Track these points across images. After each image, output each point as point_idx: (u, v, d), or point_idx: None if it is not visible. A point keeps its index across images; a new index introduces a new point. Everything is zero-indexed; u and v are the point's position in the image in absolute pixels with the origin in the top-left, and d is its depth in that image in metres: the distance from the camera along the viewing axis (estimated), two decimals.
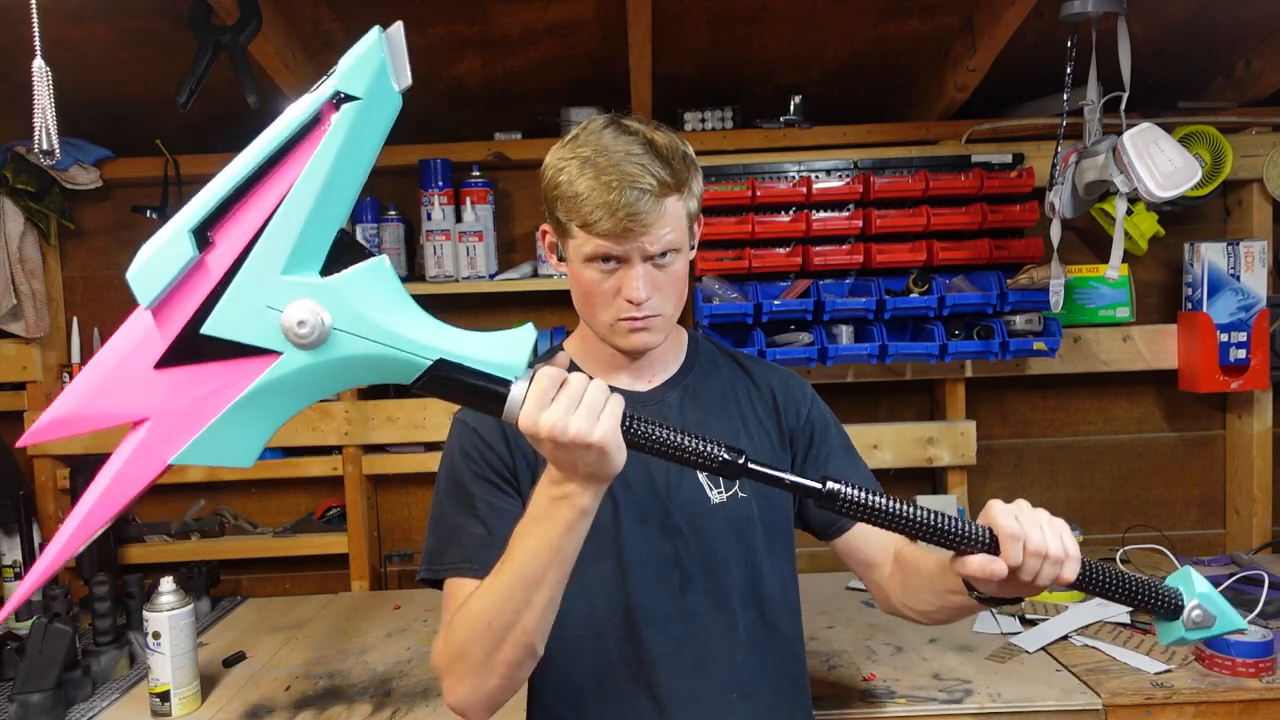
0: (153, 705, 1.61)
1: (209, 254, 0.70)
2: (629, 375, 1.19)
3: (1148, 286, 2.36)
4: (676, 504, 1.14)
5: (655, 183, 1.04)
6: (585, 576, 1.10)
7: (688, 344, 1.25)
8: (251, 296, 0.71)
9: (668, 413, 1.17)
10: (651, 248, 1.05)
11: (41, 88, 1.17)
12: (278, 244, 0.71)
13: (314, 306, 0.71)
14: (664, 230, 1.06)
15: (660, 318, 1.10)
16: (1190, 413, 2.40)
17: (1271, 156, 2.19)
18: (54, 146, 1.18)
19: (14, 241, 2.15)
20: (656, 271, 1.08)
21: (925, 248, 2.10)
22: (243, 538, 2.33)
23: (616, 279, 1.07)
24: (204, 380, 0.71)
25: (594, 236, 1.05)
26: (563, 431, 0.80)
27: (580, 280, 1.10)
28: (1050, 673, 1.61)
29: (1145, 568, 2.09)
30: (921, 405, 2.41)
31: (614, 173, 1.03)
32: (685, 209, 1.09)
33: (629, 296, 1.06)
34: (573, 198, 1.06)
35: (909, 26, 1.99)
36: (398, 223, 2.26)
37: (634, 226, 1.03)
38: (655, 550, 1.13)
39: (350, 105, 0.72)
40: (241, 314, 0.70)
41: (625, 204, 1.02)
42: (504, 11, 1.88)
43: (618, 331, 1.11)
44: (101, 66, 1.98)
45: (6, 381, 2.27)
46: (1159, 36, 2.02)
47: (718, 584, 1.14)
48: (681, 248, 1.10)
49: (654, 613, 1.12)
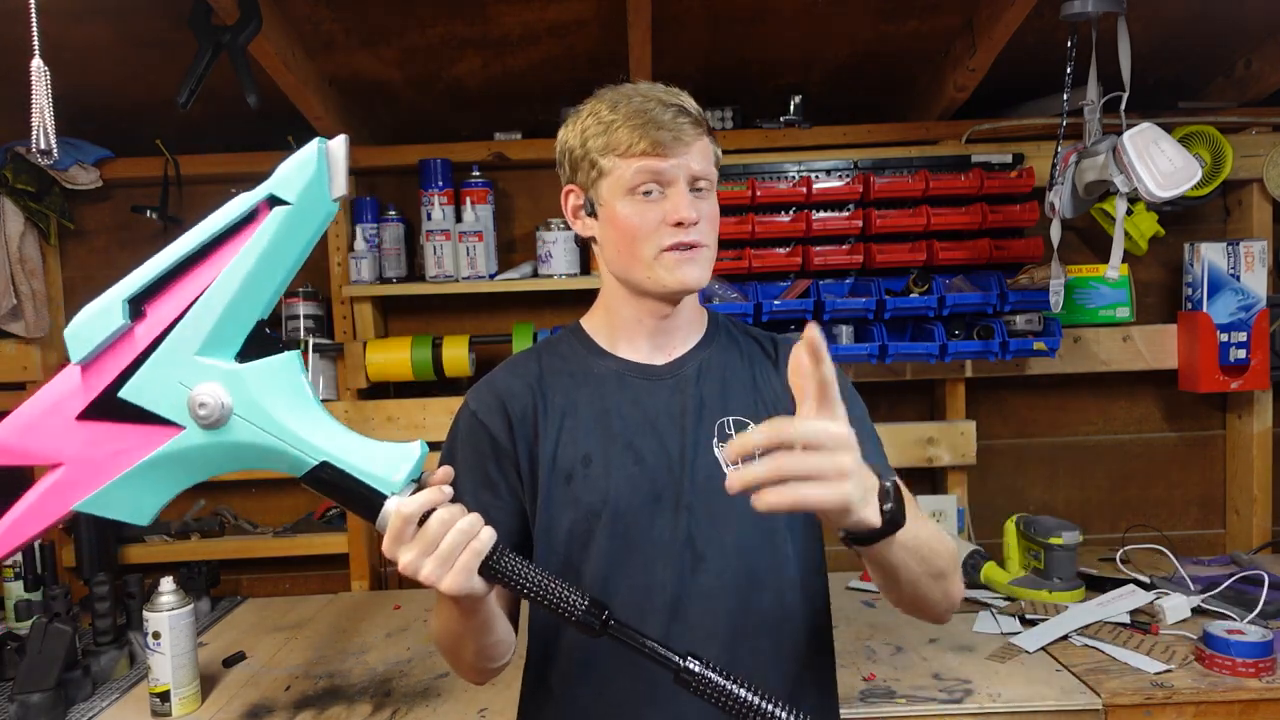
0: (153, 705, 1.61)
1: (139, 324, 0.77)
2: (648, 347, 1.17)
3: (1148, 286, 2.36)
4: (690, 479, 1.10)
5: (693, 107, 1.07)
6: (590, 554, 1.09)
7: (708, 320, 1.23)
8: (167, 371, 0.76)
9: (685, 386, 1.14)
10: (695, 166, 1.06)
11: (40, 87, 1.16)
12: (197, 326, 0.76)
13: (219, 390, 0.76)
14: (701, 155, 1.06)
15: (707, 249, 1.09)
16: (1190, 413, 2.40)
17: (1271, 156, 2.19)
18: (52, 146, 1.18)
19: (14, 241, 2.15)
20: (697, 198, 1.07)
21: (925, 248, 2.10)
22: (243, 538, 2.33)
23: (661, 207, 1.06)
24: (117, 438, 0.76)
25: (635, 159, 1.05)
26: (414, 573, 0.83)
27: (619, 220, 1.08)
28: (1050, 673, 1.61)
29: (1145, 568, 2.09)
30: (921, 405, 2.41)
31: (649, 98, 1.06)
32: (713, 152, 1.11)
33: (679, 216, 1.05)
34: (607, 130, 1.06)
35: (909, 26, 1.99)
36: (398, 223, 2.26)
37: (681, 137, 1.04)
38: (666, 527, 1.09)
39: (280, 209, 0.79)
40: (156, 385, 0.76)
41: (669, 119, 1.03)
42: (504, 11, 1.88)
43: (664, 264, 1.08)
44: (101, 66, 1.98)
45: (6, 381, 2.27)
46: (1159, 36, 2.02)
47: (732, 565, 1.10)
48: (714, 186, 1.10)
49: (661, 594, 1.09)
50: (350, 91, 2.17)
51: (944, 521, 2.26)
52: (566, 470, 1.11)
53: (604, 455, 1.10)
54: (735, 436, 0.98)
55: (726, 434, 1.12)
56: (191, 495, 2.37)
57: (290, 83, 1.90)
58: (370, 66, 2.06)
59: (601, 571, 1.09)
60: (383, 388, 2.31)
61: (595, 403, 1.13)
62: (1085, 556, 2.12)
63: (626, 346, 1.17)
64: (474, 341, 2.22)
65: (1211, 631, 1.59)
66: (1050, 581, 1.94)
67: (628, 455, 1.10)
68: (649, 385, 1.14)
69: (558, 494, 1.11)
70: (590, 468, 1.10)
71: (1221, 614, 1.76)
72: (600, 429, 1.12)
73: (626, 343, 1.17)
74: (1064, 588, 1.93)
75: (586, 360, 1.17)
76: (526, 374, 1.17)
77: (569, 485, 1.11)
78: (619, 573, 1.09)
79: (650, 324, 1.15)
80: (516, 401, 1.13)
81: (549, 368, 1.17)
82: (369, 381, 2.21)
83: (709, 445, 1.11)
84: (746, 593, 1.11)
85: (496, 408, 1.13)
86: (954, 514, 2.26)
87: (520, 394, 1.14)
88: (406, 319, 2.39)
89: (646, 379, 1.15)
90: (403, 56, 2.02)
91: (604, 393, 1.14)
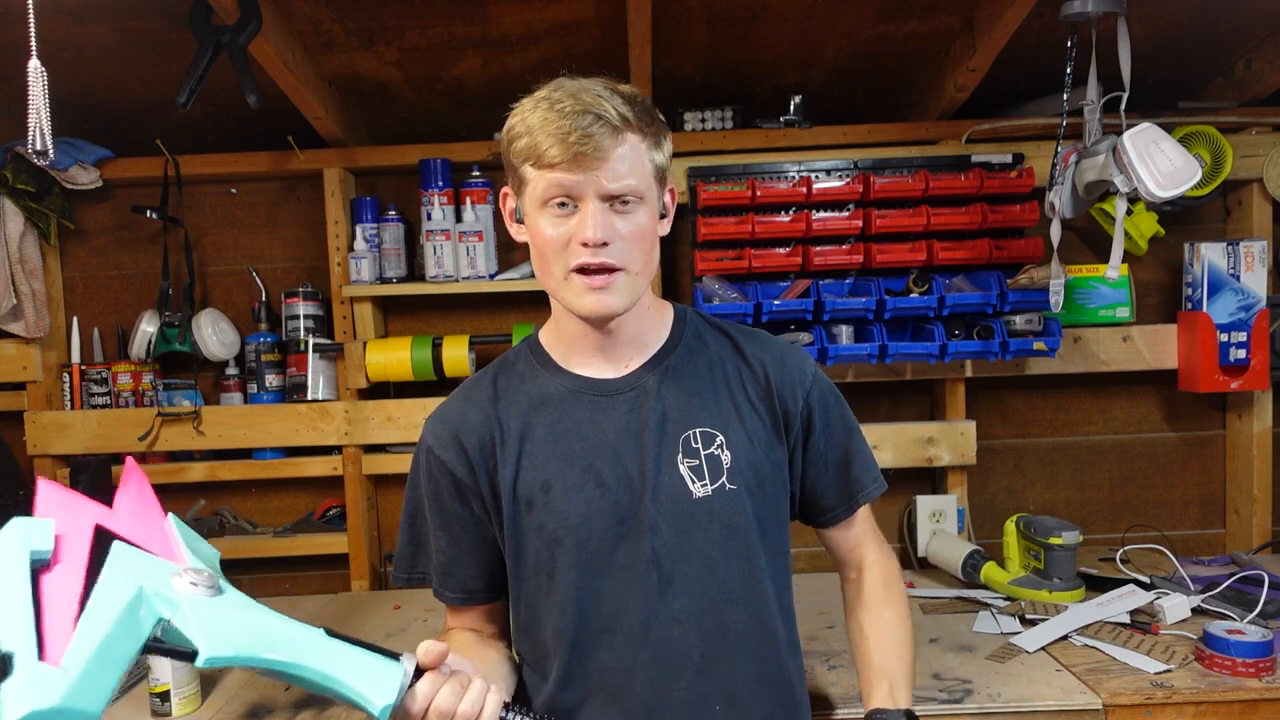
0: (153, 705, 1.61)
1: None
2: (601, 360, 1.11)
3: (1148, 286, 2.36)
4: (655, 499, 1.06)
5: (615, 113, 0.96)
6: (562, 586, 1.06)
7: (673, 320, 1.16)
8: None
9: (645, 399, 1.09)
10: (609, 184, 0.97)
11: (37, 88, 1.16)
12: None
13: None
14: (623, 168, 0.97)
15: (623, 274, 1.01)
16: (1190, 413, 2.40)
17: (1271, 156, 2.19)
18: (48, 147, 1.18)
19: (14, 241, 2.15)
20: (616, 218, 0.99)
21: (925, 248, 2.10)
22: (243, 538, 2.33)
23: (571, 224, 0.99)
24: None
25: (546, 170, 0.97)
26: None
27: (535, 233, 1.02)
28: (1050, 672, 1.61)
29: (1145, 568, 2.09)
30: (921, 405, 2.41)
31: (568, 101, 0.97)
32: (650, 159, 1.01)
33: (582, 236, 0.97)
34: (525, 134, 0.98)
35: (909, 26, 1.99)
36: (398, 223, 2.26)
37: (587, 151, 0.95)
38: (630, 550, 1.06)
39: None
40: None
41: (578, 128, 0.94)
42: (504, 11, 1.88)
43: (572, 288, 1.01)
44: (101, 66, 1.98)
45: (6, 381, 2.27)
46: (1159, 36, 2.02)
47: (701, 585, 1.06)
48: (646, 197, 1.01)
49: (629, 618, 1.06)
50: (350, 91, 2.17)
51: (944, 521, 2.26)
52: (527, 498, 1.08)
53: (563, 480, 1.07)
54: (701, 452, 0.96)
55: (693, 448, 1.07)
56: (191, 495, 2.37)
57: (290, 83, 1.90)
58: (370, 66, 2.06)
59: (569, 599, 1.07)
60: (383, 388, 2.31)
61: (553, 425, 1.09)
62: (1085, 556, 2.12)
63: (579, 361, 1.12)
64: (474, 341, 2.22)
65: (1211, 631, 1.59)
66: (1050, 581, 1.94)
67: (588, 478, 1.07)
68: (606, 402, 1.09)
69: (521, 522, 1.09)
70: (550, 494, 1.07)
71: (1221, 614, 1.76)
72: (559, 453, 1.08)
73: (579, 357, 1.12)
74: (1064, 588, 1.93)
75: (541, 379, 1.12)
76: (481, 400, 1.13)
77: (530, 513, 1.08)
78: (586, 599, 1.07)
79: (595, 338, 1.10)
80: (473, 434, 1.10)
81: (504, 389, 1.13)
82: (369, 381, 2.21)
83: (674, 461, 1.07)
84: (721, 613, 1.07)
85: (452, 443, 1.11)
86: (954, 514, 2.26)
87: (476, 425, 1.10)
88: (406, 319, 2.39)
89: (603, 395, 1.10)
90: (403, 56, 2.02)
91: (561, 414, 1.09)
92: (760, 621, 1.10)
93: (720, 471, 1.08)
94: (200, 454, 2.31)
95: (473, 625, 1.20)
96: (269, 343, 2.30)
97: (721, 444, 1.08)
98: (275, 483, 2.40)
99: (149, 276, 2.33)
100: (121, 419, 2.24)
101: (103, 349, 2.36)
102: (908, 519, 2.34)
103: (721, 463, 1.08)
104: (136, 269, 2.35)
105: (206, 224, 2.37)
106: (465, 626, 1.20)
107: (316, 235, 2.33)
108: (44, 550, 0.72)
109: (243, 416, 2.26)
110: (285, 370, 2.31)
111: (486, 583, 1.16)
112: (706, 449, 1.08)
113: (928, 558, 2.22)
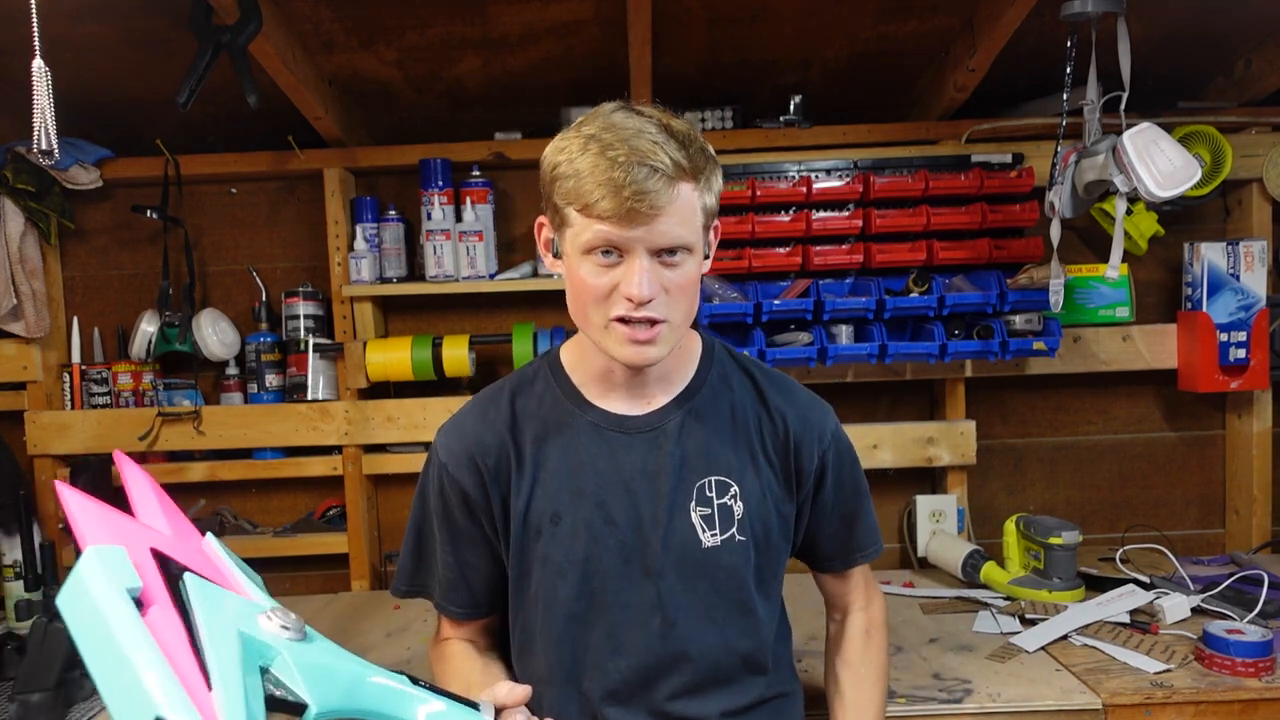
0: None
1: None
2: (625, 396, 1.09)
3: (1148, 286, 2.36)
4: (664, 545, 1.06)
5: (670, 162, 0.91)
6: (561, 619, 1.06)
7: (700, 356, 1.14)
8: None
9: (664, 442, 1.07)
10: (660, 239, 0.93)
11: (41, 87, 1.16)
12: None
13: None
14: (674, 221, 0.93)
15: (666, 326, 0.97)
16: (1190, 412, 2.40)
17: (1271, 156, 2.19)
18: (53, 147, 1.18)
19: (14, 241, 2.15)
20: (664, 270, 0.95)
21: (925, 247, 2.10)
22: (243, 538, 2.33)
23: (616, 274, 0.95)
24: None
25: (594, 220, 0.92)
26: None
27: (575, 277, 0.97)
28: (1050, 672, 1.61)
29: (1145, 567, 2.09)
30: (921, 405, 2.41)
31: (621, 148, 0.90)
32: (701, 203, 0.97)
33: (628, 293, 0.93)
34: (572, 176, 0.93)
35: (909, 26, 1.99)
36: (398, 222, 2.26)
37: (640, 208, 0.90)
38: (636, 593, 1.06)
39: None
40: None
41: (633, 181, 0.89)
42: (504, 11, 1.88)
43: (613, 336, 0.98)
44: (101, 66, 1.98)
45: (6, 381, 2.27)
46: (1159, 36, 2.02)
47: (704, 632, 1.07)
48: (695, 248, 0.97)
49: (629, 660, 1.06)
50: (350, 91, 2.17)
51: (944, 521, 2.26)
52: (536, 526, 1.07)
53: (573, 514, 1.06)
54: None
55: (707, 496, 1.07)
56: (192, 495, 2.38)
57: (290, 83, 1.90)
58: (370, 66, 2.06)
59: (569, 633, 1.07)
60: (383, 388, 2.31)
61: (569, 456, 1.08)
62: (1085, 556, 2.12)
63: (601, 393, 1.10)
64: (474, 341, 2.22)
65: (1211, 631, 1.59)
66: (1050, 581, 1.94)
67: (598, 515, 1.06)
68: (626, 440, 1.08)
69: (529, 549, 1.08)
70: (559, 526, 1.06)
71: (1221, 614, 1.76)
72: (572, 486, 1.07)
73: (601, 390, 1.10)
74: (1064, 588, 1.93)
75: (561, 407, 1.10)
76: (498, 421, 1.11)
77: (538, 542, 1.07)
78: (587, 635, 1.07)
79: (622, 374, 1.08)
80: (489, 456, 1.09)
81: (522, 412, 1.11)
82: (369, 381, 2.21)
83: (686, 508, 1.06)
84: (721, 660, 1.08)
85: (467, 463, 1.09)
86: (954, 514, 2.26)
87: (492, 447, 1.09)
88: (406, 319, 2.39)
89: (624, 432, 1.08)
90: (403, 56, 2.02)
91: (577, 445, 1.08)
92: (759, 668, 1.12)
93: (731, 522, 1.08)
94: (200, 454, 2.31)
95: (470, 637, 1.20)
96: (269, 343, 2.30)
97: (735, 495, 1.08)
98: (275, 483, 2.40)
99: (149, 276, 2.33)
100: (122, 419, 2.24)
101: (103, 349, 2.36)
102: (907, 519, 2.34)
103: (734, 513, 1.08)
104: (136, 269, 2.35)
105: (206, 224, 2.37)
106: (462, 637, 1.20)
107: (316, 235, 2.33)
108: (135, 587, 0.60)
109: (243, 416, 2.26)
110: (285, 370, 2.31)
111: (489, 598, 1.16)
112: (720, 498, 1.08)
113: (927, 558, 2.22)
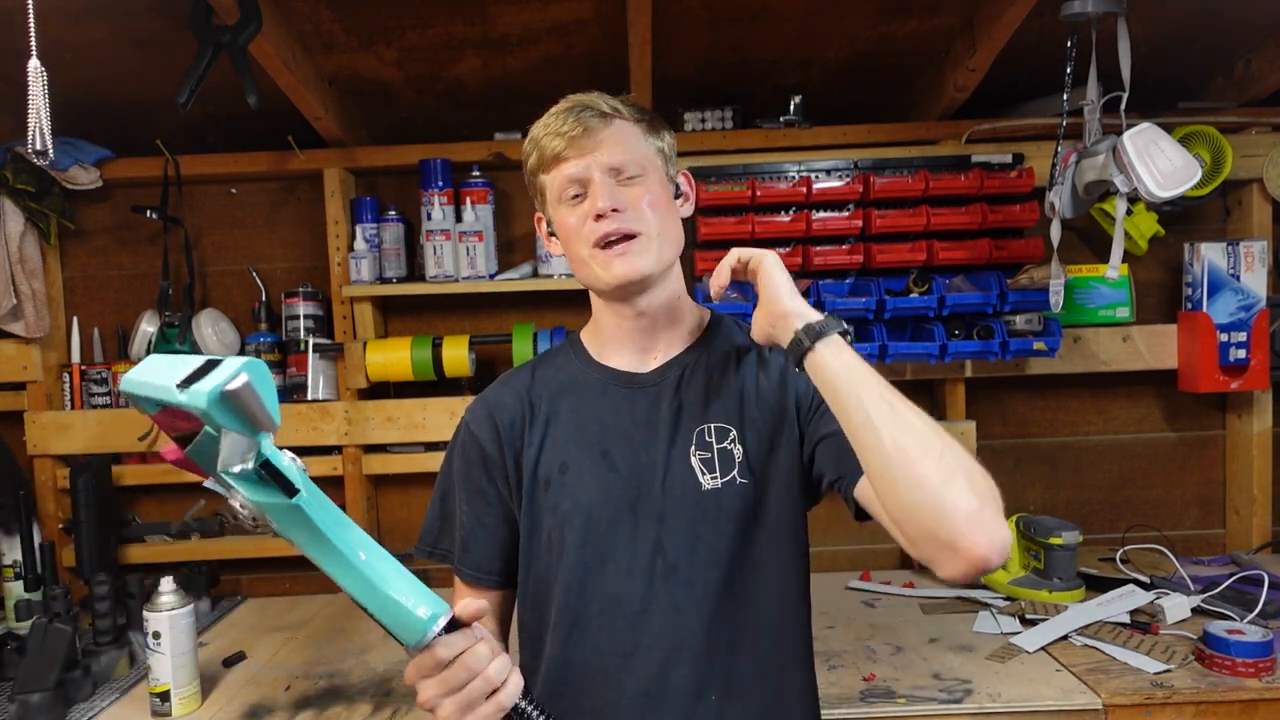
0: (153, 705, 1.61)
1: None
2: (632, 352, 1.16)
3: (1148, 286, 2.36)
4: (665, 489, 1.08)
5: (606, 105, 1.08)
6: (569, 565, 1.09)
7: (709, 324, 1.21)
8: None
9: (666, 393, 1.13)
10: (608, 158, 1.06)
11: (36, 88, 1.16)
12: None
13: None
14: (619, 147, 1.07)
15: (641, 237, 1.07)
16: (1190, 413, 2.40)
17: (1271, 156, 2.19)
18: (48, 147, 1.18)
19: (14, 241, 2.15)
20: (623, 189, 1.07)
21: (925, 248, 2.10)
22: (243, 538, 2.32)
23: (584, 206, 1.07)
24: None
25: (555, 167, 1.08)
26: (431, 709, 0.86)
27: (562, 229, 1.11)
28: (1050, 672, 1.61)
29: (1145, 568, 2.09)
30: (921, 405, 2.39)
31: (561, 104, 1.10)
32: (647, 143, 1.10)
33: (594, 209, 1.05)
34: (533, 148, 1.10)
35: (909, 26, 1.99)
36: (398, 222, 2.26)
37: (582, 138, 1.06)
38: (637, 535, 1.08)
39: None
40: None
41: (572, 118, 1.06)
42: (504, 11, 1.88)
43: (598, 261, 1.07)
44: (101, 66, 1.98)
45: (6, 381, 2.27)
46: (1159, 36, 2.02)
47: (703, 576, 1.07)
48: (648, 171, 1.09)
49: (630, 602, 1.07)
50: (350, 91, 2.17)
51: None
52: (546, 477, 1.12)
53: (579, 463, 1.11)
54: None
55: (706, 441, 1.11)
56: (191, 495, 2.37)
57: (290, 83, 1.90)
58: (370, 66, 2.06)
59: (575, 580, 1.09)
60: (383, 388, 2.31)
61: (578, 410, 1.15)
62: (1085, 556, 2.12)
63: (614, 355, 1.18)
64: (474, 341, 2.22)
65: (1211, 631, 1.59)
66: (1050, 581, 1.94)
67: (602, 463, 1.11)
68: (630, 393, 1.15)
69: (539, 500, 1.13)
70: (566, 475, 1.11)
71: (1221, 614, 1.76)
72: (579, 436, 1.13)
73: (614, 351, 1.18)
74: (1064, 588, 1.93)
75: (575, 369, 1.19)
76: (518, 385, 1.19)
77: (547, 492, 1.12)
78: (591, 582, 1.09)
79: (629, 327, 1.15)
80: (505, 412, 1.17)
81: (540, 378, 1.20)
82: (369, 381, 2.21)
83: (686, 453, 1.10)
84: (722, 605, 1.07)
85: (486, 420, 1.17)
86: None
87: (510, 404, 1.17)
88: (406, 319, 2.39)
89: (629, 386, 1.15)
90: (403, 56, 2.02)
91: (586, 400, 1.15)
92: (761, 618, 1.09)
93: (731, 465, 1.09)
94: None
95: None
96: (269, 343, 2.29)
97: (734, 439, 1.10)
98: None
99: (149, 276, 2.33)
100: (121, 419, 2.24)
101: (103, 349, 2.36)
102: None
103: (734, 457, 1.10)
104: (136, 269, 2.35)
105: (206, 224, 2.37)
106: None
107: (316, 235, 2.33)
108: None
109: None
110: (285, 370, 2.31)
111: (501, 564, 1.18)
112: (720, 443, 1.10)
113: None
